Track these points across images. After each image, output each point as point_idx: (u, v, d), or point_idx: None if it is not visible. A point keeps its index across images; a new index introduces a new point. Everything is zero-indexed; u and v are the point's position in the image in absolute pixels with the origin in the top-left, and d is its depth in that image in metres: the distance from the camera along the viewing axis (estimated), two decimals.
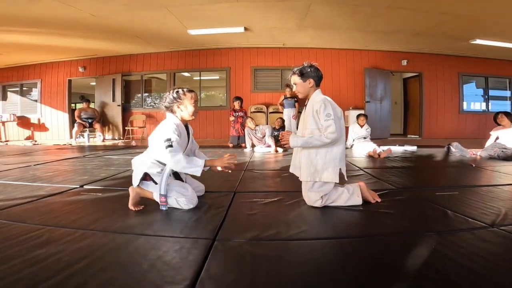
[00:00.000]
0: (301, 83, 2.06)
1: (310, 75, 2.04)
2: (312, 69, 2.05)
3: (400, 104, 10.14)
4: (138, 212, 1.84)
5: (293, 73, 2.09)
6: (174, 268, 1.14)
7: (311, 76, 2.04)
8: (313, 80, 2.04)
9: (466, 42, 7.15)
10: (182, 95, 2.00)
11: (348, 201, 1.95)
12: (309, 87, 2.05)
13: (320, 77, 2.08)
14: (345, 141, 2.01)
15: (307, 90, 2.07)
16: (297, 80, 2.07)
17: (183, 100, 2.00)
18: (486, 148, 4.51)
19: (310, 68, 2.05)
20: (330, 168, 1.93)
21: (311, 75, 2.04)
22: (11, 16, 5.37)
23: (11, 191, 2.38)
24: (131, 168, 3.44)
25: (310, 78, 2.04)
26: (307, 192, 1.96)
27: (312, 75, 2.04)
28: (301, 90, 2.08)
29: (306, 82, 2.05)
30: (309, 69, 2.05)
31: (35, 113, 9.37)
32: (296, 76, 2.07)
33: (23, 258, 1.19)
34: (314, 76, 2.04)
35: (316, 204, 1.92)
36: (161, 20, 6.07)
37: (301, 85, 2.06)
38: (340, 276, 1.11)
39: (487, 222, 1.62)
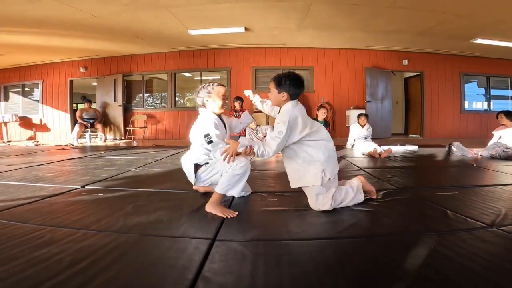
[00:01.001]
0: (275, 93, 1.97)
1: (285, 89, 1.93)
2: (291, 82, 1.93)
3: (401, 104, 10.13)
4: (139, 212, 1.85)
5: (273, 79, 2.00)
6: (174, 268, 1.15)
7: (287, 90, 1.93)
8: (287, 95, 1.93)
9: (468, 42, 7.13)
10: (211, 90, 2.04)
11: (353, 200, 1.95)
12: (282, 100, 1.96)
13: (297, 93, 1.97)
14: (326, 145, 1.96)
15: (280, 102, 1.98)
16: (273, 88, 1.99)
17: (212, 94, 2.03)
18: (488, 148, 4.51)
19: (290, 81, 1.93)
20: (311, 171, 1.90)
21: (286, 89, 1.93)
22: (12, 16, 5.39)
23: (14, 192, 2.39)
24: (132, 169, 3.48)
25: (284, 92, 1.93)
26: (314, 197, 1.88)
27: (288, 89, 1.93)
28: (273, 98, 2.03)
29: (280, 94, 1.95)
30: (288, 82, 1.93)
31: (37, 114, 9.40)
32: (273, 84, 1.99)
33: (26, 258, 1.20)
34: (290, 90, 1.93)
35: (325, 207, 1.84)
36: (161, 21, 6.08)
37: (275, 95, 1.98)
38: (340, 276, 1.11)
39: (487, 222, 1.62)
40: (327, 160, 1.92)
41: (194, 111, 8.96)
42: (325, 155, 1.92)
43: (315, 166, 1.89)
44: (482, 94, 9.15)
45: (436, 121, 8.68)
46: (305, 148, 1.93)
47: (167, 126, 8.88)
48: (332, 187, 1.90)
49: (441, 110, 8.69)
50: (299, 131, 1.88)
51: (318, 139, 1.94)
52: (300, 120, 1.91)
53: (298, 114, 1.92)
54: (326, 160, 1.91)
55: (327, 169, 1.89)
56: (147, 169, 3.51)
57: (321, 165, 1.89)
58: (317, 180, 1.86)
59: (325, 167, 1.89)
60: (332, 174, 1.91)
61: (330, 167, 1.92)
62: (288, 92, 1.93)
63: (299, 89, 1.97)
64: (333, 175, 1.93)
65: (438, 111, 8.68)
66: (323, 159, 1.91)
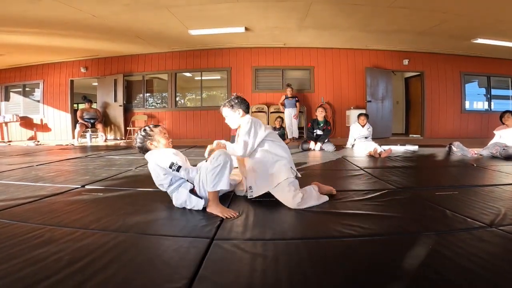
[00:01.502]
0: (231, 115, 2.22)
1: (238, 107, 2.20)
2: (239, 100, 2.22)
3: (402, 104, 10.12)
4: (138, 212, 1.85)
5: (224, 106, 2.25)
6: (172, 267, 1.15)
7: (239, 108, 2.20)
8: (242, 111, 2.20)
9: (468, 41, 7.13)
10: (150, 132, 2.08)
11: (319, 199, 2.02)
12: (240, 117, 2.20)
13: (247, 106, 2.26)
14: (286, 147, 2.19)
15: (237, 120, 2.21)
16: (228, 112, 2.22)
17: (153, 137, 2.08)
18: (487, 147, 4.50)
19: (238, 99, 2.22)
20: (282, 168, 2.06)
21: (239, 107, 2.20)
22: (13, 16, 5.40)
23: (14, 191, 2.40)
24: (132, 168, 3.49)
25: (239, 109, 2.20)
26: (288, 191, 1.95)
27: (240, 106, 2.20)
28: (231, 122, 2.25)
29: (236, 112, 2.20)
30: (237, 101, 2.21)
31: (37, 114, 9.42)
32: (227, 109, 2.22)
33: (25, 257, 1.21)
34: (242, 106, 2.21)
35: (296, 201, 1.90)
36: (162, 21, 6.09)
37: (231, 116, 2.22)
38: (338, 276, 1.11)
39: (486, 222, 1.62)
40: (290, 158, 2.16)
41: (195, 111, 8.99)
42: (287, 153, 2.16)
43: (284, 163, 2.09)
44: (483, 94, 9.14)
45: (436, 121, 8.67)
46: (273, 149, 2.12)
47: (168, 126, 8.89)
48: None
49: (441, 110, 8.68)
50: (263, 129, 2.13)
51: (278, 141, 2.18)
52: (260, 122, 2.18)
53: (258, 120, 2.19)
54: (289, 159, 2.15)
55: (292, 166, 2.12)
56: (147, 169, 3.50)
57: (288, 162, 2.11)
58: (289, 174, 2.04)
59: (291, 164, 2.13)
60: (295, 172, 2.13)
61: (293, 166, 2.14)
62: (240, 108, 2.21)
63: (246, 104, 2.26)
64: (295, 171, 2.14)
65: (438, 111, 8.67)
66: (288, 157, 2.14)
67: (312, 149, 5.40)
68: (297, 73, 8.76)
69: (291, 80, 8.28)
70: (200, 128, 8.71)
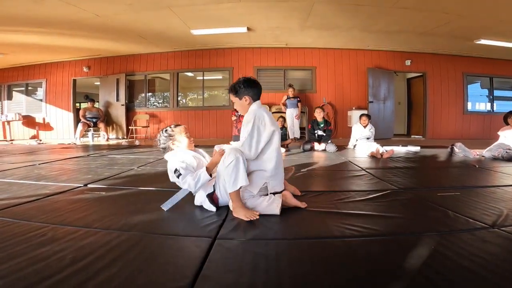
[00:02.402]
0: (237, 101, 2.04)
1: (244, 93, 2.00)
2: (245, 84, 2.00)
3: (404, 104, 10.10)
4: (141, 211, 1.86)
5: (229, 91, 2.07)
6: (175, 266, 1.16)
7: (246, 93, 1.99)
8: (249, 97, 2.00)
9: (471, 42, 7.11)
10: (171, 132, 2.08)
11: (265, 210, 1.81)
12: (246, 104, 2.01)
13: (256, 91, 2.02)
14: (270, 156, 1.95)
15: (245, 107, 2.02)
16: (234, 98, 2.06)
17: (174, 136, 2.07)
18: (490, 149, 4.48)
19: (243, 84, 2.00)
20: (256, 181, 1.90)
21: (245, 92, 2.00)
22: (17, 16, 5.42)
23: (16, 190, 2.41)
24: (134, 167, 3.50)
25: (245, 96, 2.00)
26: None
27: (247, 92, 2.00)
28: (239, 108, 2.07)
29: (242, 100, 2.01)
30: (242, 86, 2.00)
31: (40, 113, 9.45)
32: (232, 95, 2.06)
33: (28, 256, 1.21)
34: (249, 92, 2.00)
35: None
36: (164, 20, 6.11)
37: (238, 103, 2.04)
38: (339, 276, 1.12)
39: (488, 223, 1.62)
40: (275, 171, 1.95)
41: (196, 111, 8.98)
42: (275, 164, 1.94)
43: (263, 175, 1.91)
44: (485, 95, 9.11)
45: (438, 122, 8.66)
46: (261, 155, 1.93)
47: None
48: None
49: (443, 111, 8.66)
50: (268, 129, 1.91)
51: (276, 144, 1.96)
52: (267, 117, 1.94)
53: (264, 113, 1.96)
54: (273, 172, 1.94)
55: (271, 183, 1.92)
56: (149, 168, 3.53)
57: (269, 176, 1.91)
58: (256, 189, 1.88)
59: (272, 180, 1.92)
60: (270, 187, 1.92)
61: (272, 182, 1.93)
62: (247, 94, 1.99)
63: (255, 87, 2.02)
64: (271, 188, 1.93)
65: (440, 112, 8.65)
66: (272, 170, 1.93)
67: (316, 150, 5.40)
68: (299, 73, 8.76)
69: (293, 80, 8.28)
70: (202, 128, 8.72)
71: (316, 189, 2.54)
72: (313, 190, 2.43)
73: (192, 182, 1.85)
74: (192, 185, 1.85)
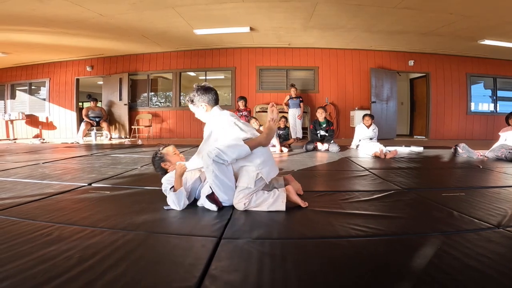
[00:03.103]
0: (196, 110, 2.08)
1: (200, 100, 2.03)
2: (199, 92, 2.03)
3: (407, 105, 10.09)
4: (146, 210, 1.87)
5: (187, 102, 2.11)
6: (181, 266, 1.16)
7: (201, 101, 2.03)
8: (205, 104, 2.03)
9: (475, 42, 7.09)
10: (160, 155, 2.13)
11: (271, 206, 1.83)
12: (205, 111, 2.05)
13: (211, 97, 2.04)
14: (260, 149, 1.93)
15: (204, 114, 2.06)
16: (192, 108, 2.09)
17: (165, 157, 2.12)
18: (493, 149, 4.47)
19: (197, 91, 2.03)
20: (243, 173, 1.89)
21: (201, 100, 2.03)
22: (21, 15, 5.46)
23: (21, 189, 2.42)
24: (137, 167, 3.51)
25: (201, 103, 2.03)
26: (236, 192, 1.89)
27: (202, 99, 2.03)
28: (199, 116, 2.11)
29: (200, 108, 2.05)
30: (196, 94, 2.03)
31: (43, 112, 9.50)
32: (190, 105, 2.09)
33: (35, 255, 1.21)
34: (204, 98, 2.03)
35: (238, 206, 1.85)
36: (167, 20, 6.12)
37: (197, 111, 2.08)
38: (345, 275, 1.12)
39: (493, 223, 1.61)
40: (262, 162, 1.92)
41: None
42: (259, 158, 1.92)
43: (250, 169, 1.89)
44: (489, 96, 9.08)
45: (441, 123, 8.64)
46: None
47: (172, 125, 8.93)
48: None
49: (447, 112, 8.64)
50: (239, 130, 1.91)
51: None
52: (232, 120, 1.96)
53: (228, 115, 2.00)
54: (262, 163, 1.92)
55: (262, 172, 1.88)
56: (153, 168, 3.52)
57: (256, 168, 1.88)
58: (249, 183, 1.85)
59: (261, 170, 1.88)
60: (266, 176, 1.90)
61: (265, 171, 1.90)
62: (204, 101, 2.03)
63: (210, 93, 2.04)
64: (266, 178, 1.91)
65: (444, 113, 8.63)
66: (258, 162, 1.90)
67: (319, 150, 5.40)
68: (302, 73, 8.76)
69: (295, 80, 8.28)
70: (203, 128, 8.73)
71: (320, 189, 2.54)
72: (317, 190, 2.43)
73: (175, 202, 1.86)
74: (176, 204, 1.85)
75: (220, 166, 1.79)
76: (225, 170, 1.82)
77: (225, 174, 1.82)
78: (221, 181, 1.82)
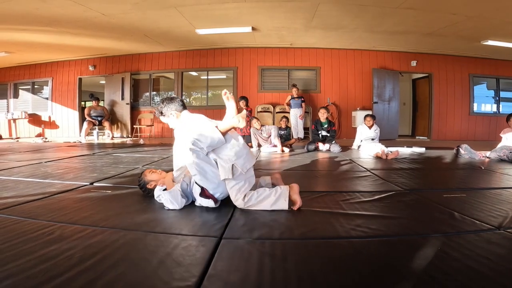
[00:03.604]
0: (168, 120, 2.18)
1: (169, 110, 2.14)
2: (166, 103, 2.15)
3: (409, 105, 10.06)
4: (147, 210, 1.88)
5: (157, 115, 2.20)
6: (182, 265, 1.16)
7: (171, 110, 2.14)
8: (175, 111, 2.14)
9: (478, 43, 7.07)
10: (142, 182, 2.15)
11: (274, 205, 1.83)
12: (176, 118, 2.15)
13: (177, 104, 2.15)
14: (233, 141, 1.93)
15: (176, 122, 2.16)
16: (165, 119, 2.19)
17: (148, 179, 2.15)
18: (495, 150, 4.46)
19: (164, 103, 2.15)
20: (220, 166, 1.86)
21: (169, 109, 2.14)
22: (25, 14, 5.48)
23: (23, 188, 2.43)
24: (139, 166, 3.52)
25: (171, 112, 2.14)
26: (229, 190, 1.89)
27: (170, 108, 2.14)
28: (172, 125, 2.19)
29: (171, 118, 2.15)
30: (163, 105, 2.14)
31: (45, 111, 9.54)
32: (162, 117, 2.19)
33: (37, 254, 1.22)
34: (172, 107, 2.14)
35: (237, 203, 1.86)
36: (170, 20, 6.13)
37: (169, 121, 2.18)
38: (346, 276, 1.12)
39: (495, 224, 1.61)
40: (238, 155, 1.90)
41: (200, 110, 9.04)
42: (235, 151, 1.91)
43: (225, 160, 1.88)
44: (491, 96, 9.04)
45: (444, 123, 8.61)
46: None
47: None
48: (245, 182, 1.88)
49: (449, 112, 8.61)
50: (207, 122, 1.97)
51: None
52: (204, 118, 2.04)
53: (199, 116, 2.07)
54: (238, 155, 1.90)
55: (238, 163, 1.86)
56: (154, 167, 3.53)
57: (233, 159, 1.87)
58: (227, 174, 1.83)
59: (236, 162, 1.86)
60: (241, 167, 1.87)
61: (240, 162, 1.88)
62: (172, 110, 2.14)
63: (175, 101, 2.16)
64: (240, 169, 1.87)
65: (446, 113, 8.61)
66: (233, 154, 1.89)
67: (320, 150, 5.39)
68: (303, 73, 8.75)
69: (297, 81, 8.28)
70: None
71: (321, 189, 2.54)
72: (318, 191, 2.43)
73: (173, 201, 1.87)
74: (174, 203, 1.87)
75: (199, 154, 1.81)
76: (203, 157, 1.84)
77: (205, 160, 1.84)
78: (202, 169, 1.82)
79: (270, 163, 4.03)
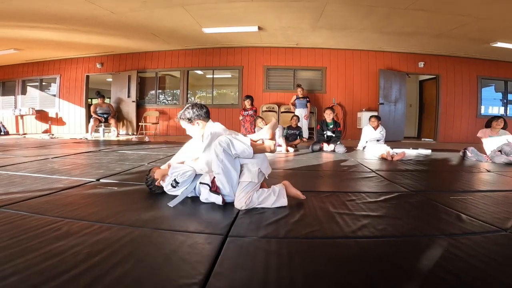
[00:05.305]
0: (190, 127, 2.15)
1: (196, 118, 2.11)
2: (195, 109, 2.11)
3: (415, 107, 9.99)
4: (153, 207, 1.89)
5: (181, 119, 2.16)
6: (188, 263, 1.16)
7: (197, 118, 2.11)
8: (201, 120, 2.12)
9: (487, 45, 6.98)
10: (153, 176, 2.16)
11: (275, 203, 1.90)
12: (200, 128, 2.12)
13: (204, 113, 2.13)
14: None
15: (198, 131, 2.14)
16: (187, 126, 2.16)
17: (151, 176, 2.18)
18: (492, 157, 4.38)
19: (193, 109, 2.11)
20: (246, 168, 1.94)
21: (196, 117, 2.11)
22: (35, 12, 5.53)
23: (30, 183, 2.45)
24: (144, 163, 3.53)
25: (197, 120, 2.11)
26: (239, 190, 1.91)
27: (197, 117, 2.11)
28: (192, 133, 2.18)
29: (195, 126, 2.13)
30: (192, 111, 2.10)
31: (53, 108, 9.62)
32: (185, 122, 2.15)
33: (44, 250, 1.22)
34: (200, 115, 2.11)
35: (238, 204, 1.86)
36: (177, 18, 6.15)
37: (191, 129, 2.16)
38: (352, 275, 1.12)
39: (501, 226, 1.60)
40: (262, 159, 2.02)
41: None
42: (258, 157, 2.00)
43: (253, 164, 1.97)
44: (499, 99, 8.94)
45: (450, 125, 8.53)
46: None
47: (178, 123, 8.95)
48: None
49: (456, 114, 8.52)
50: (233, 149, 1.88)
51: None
52: (222, 131, 2.04)
53: (219, 129, 2.05)
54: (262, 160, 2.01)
55: (263, 168, 1.98)
56: (159, 164, 3.53)
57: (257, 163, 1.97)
58: (253, 178, 1.91)
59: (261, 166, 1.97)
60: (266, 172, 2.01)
61: (263, 166, 1.99)
62: (198, 118, 2.11)
63: (203, 109, 2.14)
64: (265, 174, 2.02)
65: (453, 115, 8.52)
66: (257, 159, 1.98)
67: (325, 151, 5.37)
68: (309, 73, 8.73)
69: (302, 81, 8.26)
70: None
71: (326, 189, 2.54)
72: (323, 191, 2.43)
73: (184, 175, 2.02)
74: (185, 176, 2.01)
75: (228, 156, 1.85)
76: (232, 161, 1.88)
77: (232, 164, 1.88)
78: (227, 170, 1.87)
79: (274, 162, 4.02)
